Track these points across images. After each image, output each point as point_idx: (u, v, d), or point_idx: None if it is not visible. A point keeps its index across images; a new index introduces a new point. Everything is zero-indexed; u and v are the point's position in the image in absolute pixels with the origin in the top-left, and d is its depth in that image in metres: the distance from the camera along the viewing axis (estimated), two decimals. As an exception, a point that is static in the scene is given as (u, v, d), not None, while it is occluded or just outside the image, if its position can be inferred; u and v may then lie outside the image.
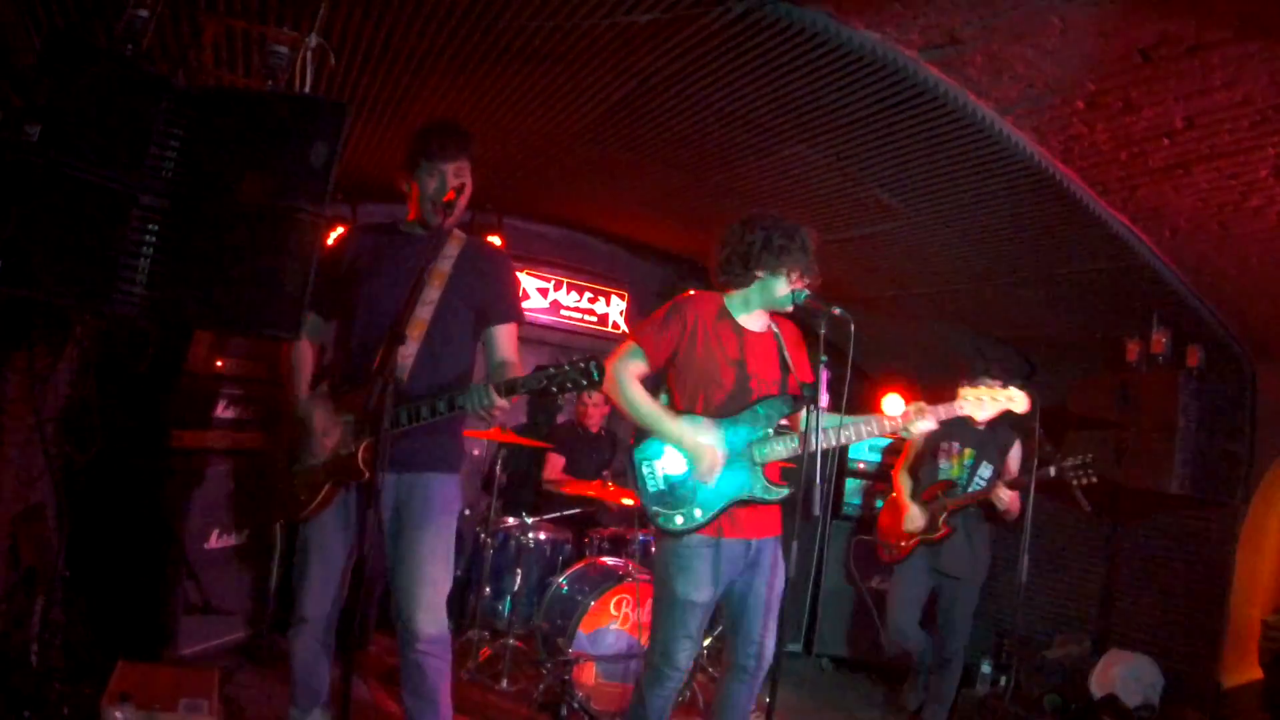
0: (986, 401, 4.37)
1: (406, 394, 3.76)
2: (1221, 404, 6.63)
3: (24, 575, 4.69)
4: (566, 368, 3.58)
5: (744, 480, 4.15)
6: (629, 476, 4.33)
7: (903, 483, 6.55)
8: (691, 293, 4.42)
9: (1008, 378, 5.84)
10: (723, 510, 4.12)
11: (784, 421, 4.28)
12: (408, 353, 3.80)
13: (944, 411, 4.33)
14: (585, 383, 3.57)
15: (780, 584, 4.28)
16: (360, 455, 3.73)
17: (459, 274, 3.99)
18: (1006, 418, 6.08)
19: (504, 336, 4.08)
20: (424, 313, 3.88)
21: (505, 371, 3.96)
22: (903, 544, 6.31)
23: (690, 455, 4.10)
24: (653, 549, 6.50)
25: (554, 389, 3.61)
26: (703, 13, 4.07)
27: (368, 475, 3.60)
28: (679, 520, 4.11)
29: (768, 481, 4.18)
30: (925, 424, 4.29)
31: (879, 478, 8.69)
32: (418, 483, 3.90)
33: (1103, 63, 4.12)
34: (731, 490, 4.14)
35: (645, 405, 4.17)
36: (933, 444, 6.38)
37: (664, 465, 4.20)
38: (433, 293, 3.91)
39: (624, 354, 4.24)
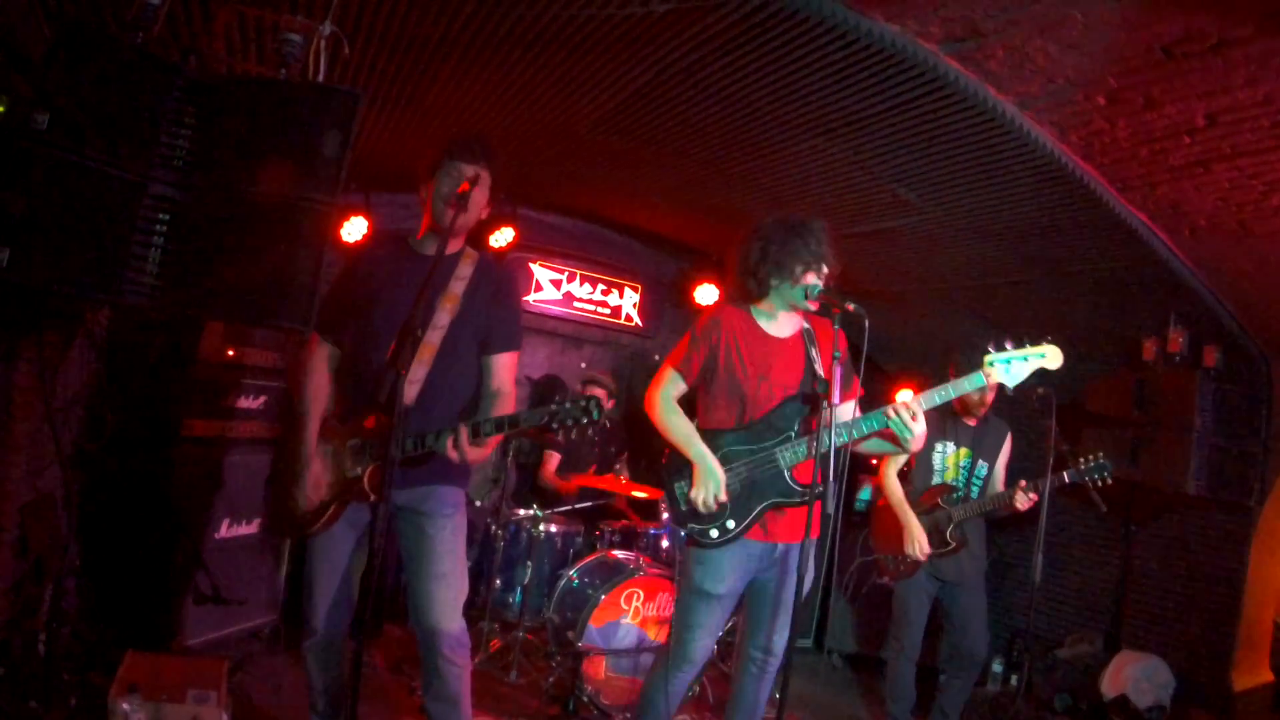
0: (1015, 363, 4.09)
1: (415, 419, 3.75)
2: (1238, 405, 6.59)
3: (33, 564, 4.69)
4: (567, 404, 3.59)
5: (772, 486, 4.18)
6: (665, 499, 4.49)
7: (894, 487, 6.07)
8: (719, 308, 4.44)
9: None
10: (755, 520, 4.17)
11: (808, 424, 4.25)
12: (415, 378, 3.78)
13: (967, 384, 4.16)
14: (585, 420, 3.58)
15: (805, 586, 4.25)
16: (366, 478, 3.74)
17: (470, 297, 3.96)
18: (1004, 412, 6.03)
19: (503, 365, 4.05)
20: (434, 337, 3.85)
21: (498, 402, 3.95)
22: (910, 560, 5.89)
23: (697, 481, 4.14)
24: (663, 543, 6.54)
25: (554, 425, 3.61)
26: (720, 3, 4.03)
27: (374, 499, 3.58)
28: (714, 534, 4.17)
29: (794, 485, 4.18)
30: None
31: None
32: (428, 493, 3.91)
33: (1124, 58, 4.07)
34: (761, 497, 4.18)
35: (677, 429, 4.31)
36: (925, 443, 6.00)
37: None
38: (443, 316, 3.88)
39: (665, 381, 4.41)
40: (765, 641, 4.33)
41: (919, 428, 4.01)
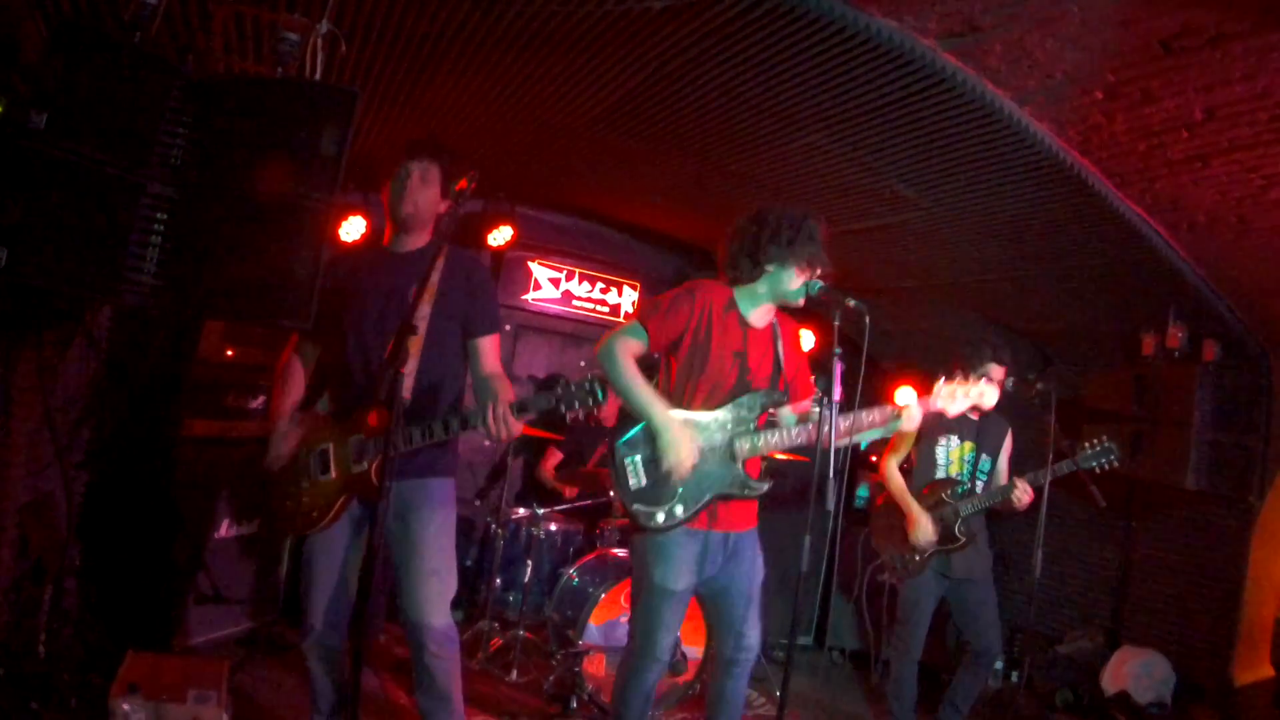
0: (959, 396, 4.44)
1: (411, 410, 3.81)
2: (1238, 399, 6.59)
3: (33, 564, 4.69)
4: (572, 387, 3.66)
5: (725, 476, 4.15)
6: (611, 469, 4.23)
7: (896, 478, 6.05)
8: (701, 281, 4.37)
9: (1017, 369, 5.80)
10: (704, 507, 4.12)
11: (766, 415, 4.30)
12: (407, 370, 3.78)
13: (919, 407, 4.37)
14: (591, 401, 3.65)
15: (759, 575, 4.33)
16: (373, 471, 3.78)
17: (445, 287, 4.01)
18: (1004, 407, 6.04)
19: (487, 348, 4.10)
20: (419, 329, 3.86)
21: (493, 384, 3.97)
22: (917, 558, 5.85)
23: (667, 446, 4.00)
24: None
25: (561, 408, 3.69)
26: None
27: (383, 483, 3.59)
28: (660, 518, 4.08)
29: (747, 477, 4.18)
30: (915, 417, 4.33)
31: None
32: (417, 486, 3.93)
33: (1123, 52, 4.07)
34: (713, 486, 4.13)
35: (636, 385, 4.07)
36: (929, 437, 6.03)
37: (648, 460, 4.14)
38: (424, 308, 3.92)
39: (624, 330, 4.19)
40: (744, 640, 4.31)
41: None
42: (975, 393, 4.45)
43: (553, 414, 3.75)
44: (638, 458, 4.15)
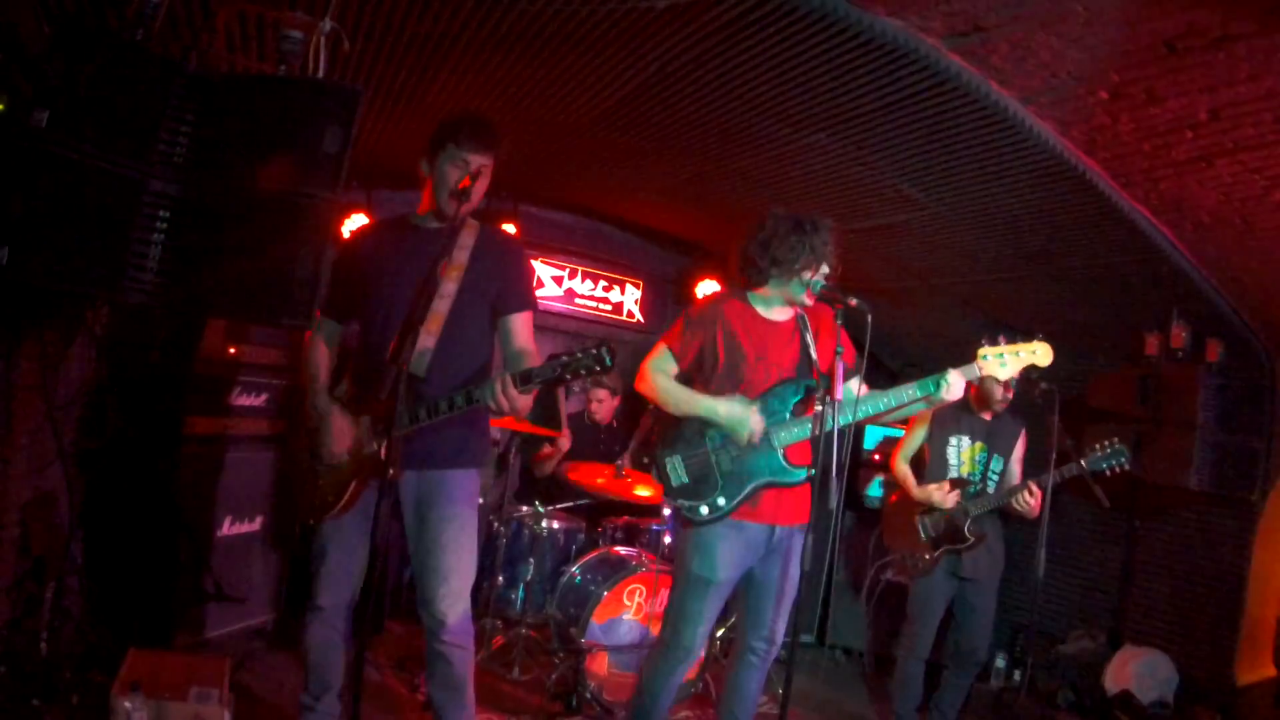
0: (1009, 358, 4.28)
1: (426, 389, 3.76)
2: (1241, 400, 6.57)
3: (34, 563, 4.68)
4: (579, 354, 3.52)
5: (764, 464, 4.19)
6: (654, 474, 4.39)
7: (903, 468, 6.10)
8: (717, 292, 4.42)
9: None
10: (747, 496, 4.17)
11: (801, 406, 4.30)
12: (426, 347, 3.76)
13: (964, 374, 4.27)
14: (599, 368, 3.50)
15: (796, 573, 4.29)
16: (383, 453, 3.71)
17: (475, 264, 3.94)
18: (1017, 408, 6.02)
19: (520, 325, 4.03)
20: (441, 305, 3.83)
21: (524, 361, 3.88)
22: (927, 557, 5.87)
23: (732, 423, 4.14)
24: (665, 539, 6.52)
25: (569, 376, 3.55)
26: (721, -2, 4.03)
27: (392, 473, 3.55)
28: (704, 510, 4.17)
29: (787, 463, 4.19)
30: (957, 386, 4.23)
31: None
32: (440, 479, 3.91)
33: (1127, 52, 4.06)
34: (753, 475, 4.18)
35: (680, 395, 4.28)
36: (940, 437, 6.05)
37: (687, 457, 4.25)
38: (449, 285, 3.86)
39: (656, 357, 4.38)
40: (769, 632, 4.35)
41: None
42: (1027, 351, 4.30)
43: (559, 382, 3.64)
44: (677, 457, 4.28)
